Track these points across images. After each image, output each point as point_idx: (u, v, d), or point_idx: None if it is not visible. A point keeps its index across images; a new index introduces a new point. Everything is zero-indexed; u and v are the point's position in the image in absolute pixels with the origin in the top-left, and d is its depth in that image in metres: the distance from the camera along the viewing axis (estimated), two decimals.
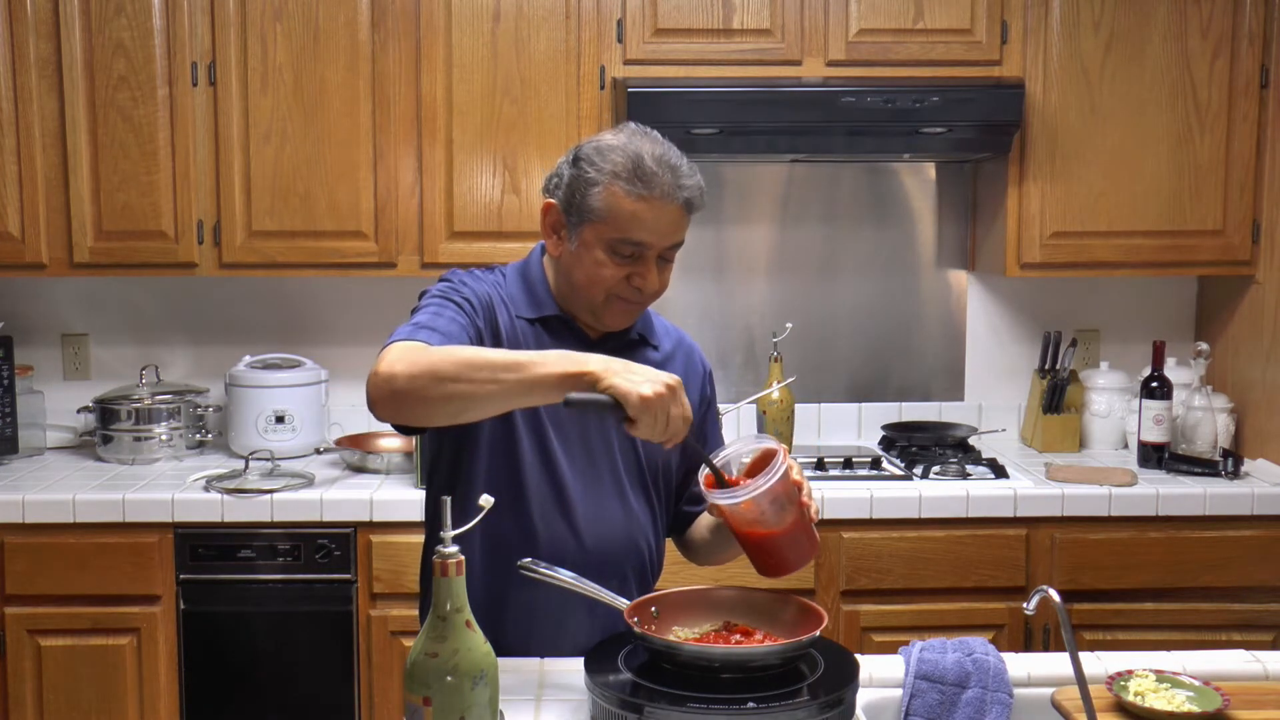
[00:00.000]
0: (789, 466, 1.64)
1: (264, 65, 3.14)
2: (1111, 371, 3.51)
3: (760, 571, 1.71)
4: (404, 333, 1.70)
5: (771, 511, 1.64)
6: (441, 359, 1.59)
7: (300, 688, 2.99)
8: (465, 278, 1.87)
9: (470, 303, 1.80)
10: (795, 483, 1.66)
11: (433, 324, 1.72)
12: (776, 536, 1.66)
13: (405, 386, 1.58)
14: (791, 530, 1.66)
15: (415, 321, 1.73)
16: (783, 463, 1.62)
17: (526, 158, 3.19)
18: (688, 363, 1.99)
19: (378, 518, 2.94)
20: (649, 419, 1.51)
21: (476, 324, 1.79)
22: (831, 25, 3.20)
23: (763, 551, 1.69)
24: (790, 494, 1.65)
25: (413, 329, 1.71)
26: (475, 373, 1.56)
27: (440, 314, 1.75)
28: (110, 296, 3.56)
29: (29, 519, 2.91)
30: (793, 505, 1.65)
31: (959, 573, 3.00)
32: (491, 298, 1.84)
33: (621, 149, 1.76)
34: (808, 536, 1.69)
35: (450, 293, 1.81)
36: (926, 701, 1.73)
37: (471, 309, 1.79)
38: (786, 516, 1.65)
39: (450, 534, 1.39)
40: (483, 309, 1.81)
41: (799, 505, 1.66)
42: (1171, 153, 3.25)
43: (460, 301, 1.79)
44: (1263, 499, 3.01)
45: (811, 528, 1.69)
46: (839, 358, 3.64)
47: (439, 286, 1.84)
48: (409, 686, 1.37)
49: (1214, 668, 1.81)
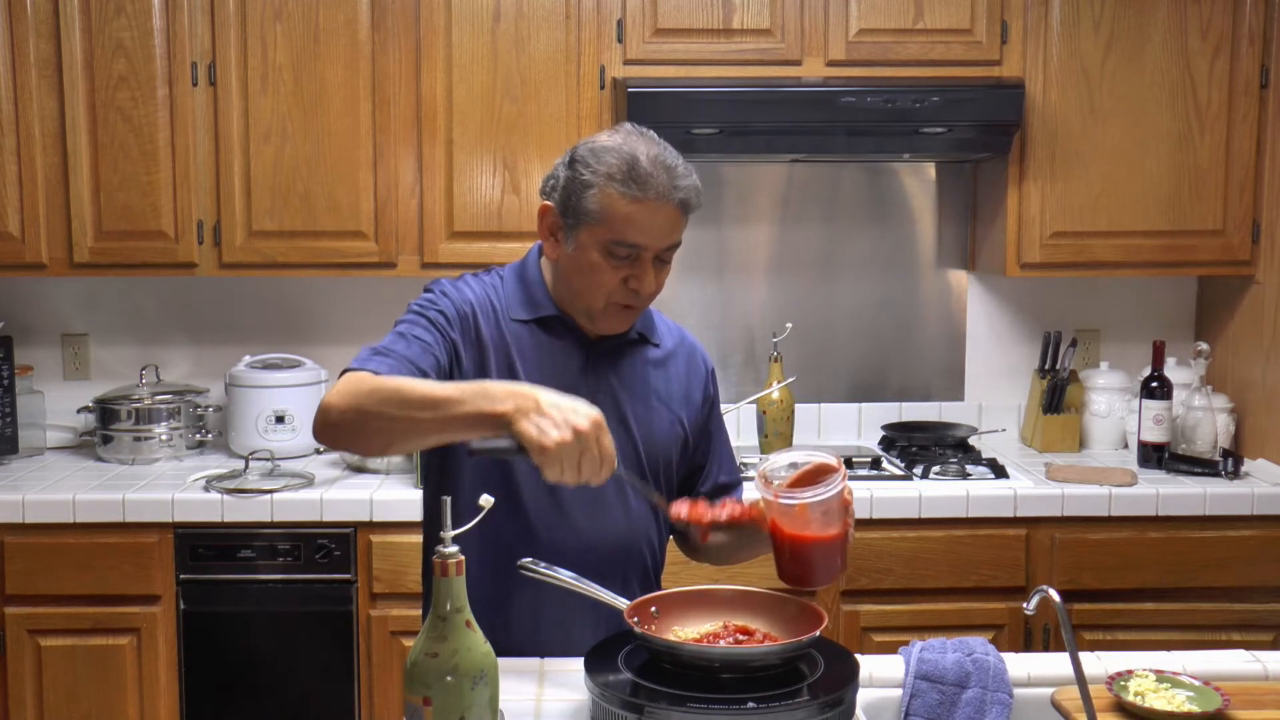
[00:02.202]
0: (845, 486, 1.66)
1: (264, 65, 3.14)
2: (1111, 371, 3.51)
3: (784, 578, 1.72)
4: (361, 357, 1.73)
5: (819, 522, 1.66)
6: (369, 394, 1.62)
7: (300, 688, 2.99)
8: (447, 287, 1.87)
9: (445, 315, 1.81)
10: (846, 501, 1.67)
11: (390, 348, 1.74)
12: (815, 544, 1.67)
13: (336, 420, 1.65)
14: (830, 543, 1.68)
15: (377, 346, 1.75)
16: (842, 479, 1.64)
17: (526, 158, 3.19)
18: (690, 361, 1.99)
19: (378, 518, 2.94)
20: (555, 468, 1.51)
21: (451, 336, 1.80)
22: (831, 25, 3.20)
23: (797, 559, 1.69)
24: (839, 511, 1.67)
25: (368, 355, 1.73)
26: (397, 410, 1.60)
27: (406, 334, 1.77)
28: (110, 296, 3.56)
29: (29, 519, 2.91)
30: (838, 522, 1.67)
31: (959, 573, 3.00)
32: (475, 307, 1.84)
33: (616, 150, 1.76)
34: (841, 556, 1.70)
35: (426, 308, 1.82)
36: (926, 701, 1.73)
37: (446, 322, 1.80)
38: (830, 530, 1.67)
39: (450, 534, 1.39)
40: (459, 321, 1.82)
41: (843, 524, 1.68)
42: (1171, 153, 3.25)
43: (434, 317, 1.80)
44: (1263, 499, 3.01)
45: (846, 550, 1.70)
46: (839, 358, 3.64)
47: (418, 300, 1.86)
48: (409, 686, 1.37)
49: (1214, 668, 1.81)
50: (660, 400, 1.92)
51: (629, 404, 1.88)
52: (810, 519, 1.65)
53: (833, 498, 1.64)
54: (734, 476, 2.04)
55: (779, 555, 1.71)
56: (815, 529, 1.66)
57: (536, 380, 1.81)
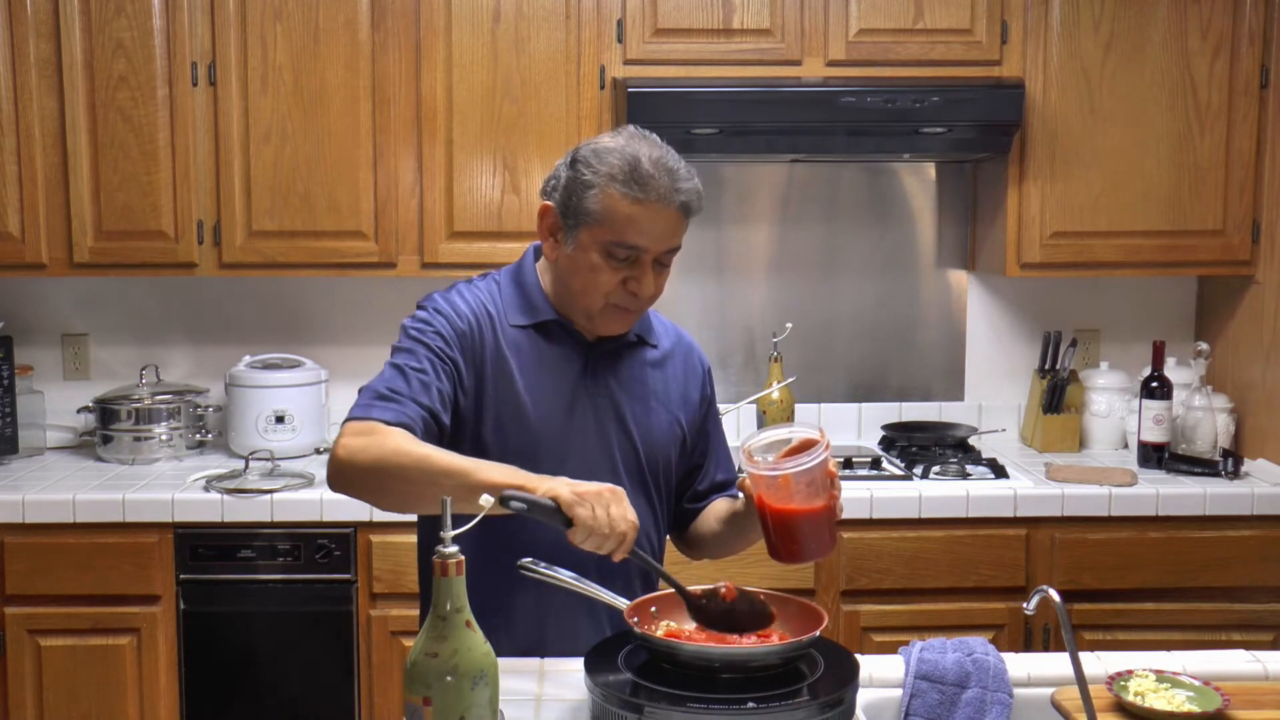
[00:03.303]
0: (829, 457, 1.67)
1: (264, 65, 3.14)
2: (1111, 371, 3.51)
3: (774, 555, 1.73)
4: (363, 404, 1.73)
5: (803, 493, 1.67)
6: (391, 456, 1.64)
7: (300, 688, 2.99)
8: (440, 304, 1.85)
9: (443, 337, 1.80)
10: (830, 473, 1.69)
11: (395, 391, 1.73)
12: (801, 516, 1.68)
13: (355, 478, 1.67)
14: (816, 515, 1.69)
15: (379, 388, 1.75)
16: (825, 449, 1.66)
17: (526, 158, 3.19)
18: (687, 361, 1.99)
19: (378, 518, 2.93)
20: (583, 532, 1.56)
21: (451, 357, 1.79)
22: (831, 25, 3.19)
23: (784, 532, 1.70)
24: (824, 482, 1.68)
25: (371, 399, 1.73)
26: (419, 475, 1.63)
27: (405, 369, 1.76)
28: (110, 296, 3.56)
29: (29, 519, 2.91)
30: (824, 493, 1.69)
31: (959, 573, 3.00)
32: (472, 319, 1.83)
33: (619, 151, 1.76)
34: (829, 529, 1.71)
35: (423, 332, 1.81)
36: (926, 701, 1.73)
37: (444, 344, 1.79)
38: (816, 501, 1.68)
39: (450, 534, 1.39)
40: (457, 339, 1.81)
41: (829, 496, 1.69)
42: (1171, 153, 3.25)
43: (431, 342, 1.79)
44: (1263, 499, 3.01)
45: (834, 523, 1.72)
46: (839, 358, 3.64)
47: (413, 323, 1.83)
48: (409, 686, 1.37)
49: (1214, 668, 1.81)
50: (659, 401, 1.92)
51: (628, 406, 1.89)
52: (795, 491, 1.67)
53: (816, 467, 1.65)
54: (731, 474, 2.04)
55: (767, 531, 1.72)
56: (800, 501, 1.67)
57: (535, 385, 1.82)
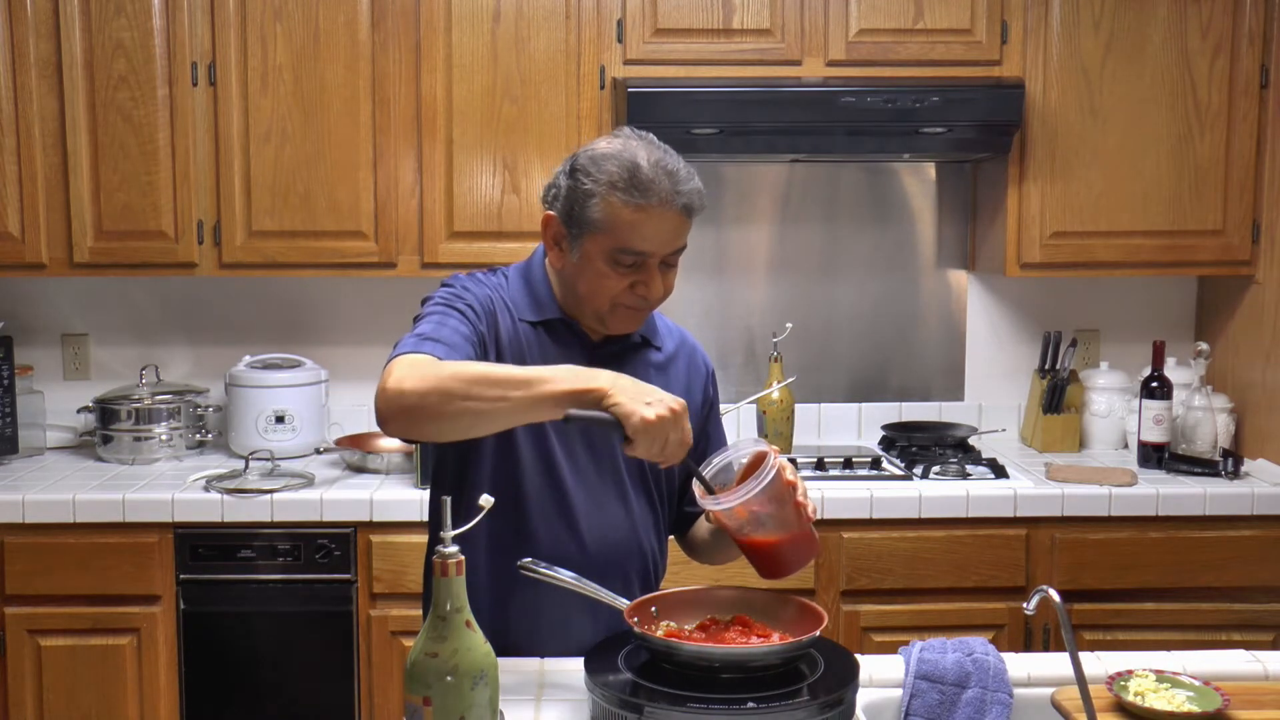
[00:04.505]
0: (781, 468, 1.63)
1: (264, 65, 3.14)
2: (1111, 371, 3.51)
3: (761, 574, 1.71)
4: (409, 344, 1.68)
5: (767, 514, 1.63)
6: (451, 375, 1.58)
7: (300, 688, 2.99)
8: (467, 282, 1.85)
9: (473, 309, 1.78)
10: (789, 484, 1.65)
11: (437, 334, 1.70)
12: (774, 542, 1.65)
13: (416, 403, 1.58)
14: (788, 532, 1.66)
15: (419, 332, 1.71)
16: (773, 465, 1.61)
17: (526, 158, 3.19)
18: (690, 363, 1.99)
19: (378, 518, 2.94)
20: (647, 442, 1.53)
21: (480, 330, 1.77)
22: (831, 25, 3.20)
23: (761, 555, 1.68)
24: (785, 495, 1.64)
25: (417, 340, 1.69)
26: (485, 389, 1.56)
27: (444, 323, 1.73)
28: (110, 296, 3.56)
29: (29, 519, 2.91)
30: (788, 506, 1.65)
31: (959, 573, 3.00)
32: (493, 302, 1.83)
33: (616, 157, 1.74)
34: (806, 537, 1.68)
35: (453, 299, 1.79)
36: (926, 701, 1.73)
37: (475, 315, 1.78)
38: (783, 518, 1.64)
39: (450, 534, 1.39)
40: (485, 315, 1.80)
41: (795, 506, 1.65)
42: (1171, 153, 3.25)
43: (463, 309, 1.77)
44: (1263, 499, 3.01)
45: (810, 528, 1.68)
46: (839, 358, 3.64)
47: (442, 293, 1.82)
48: (409, 686, 1.37)
49: (1214, 668, 1.81)
50: None
51: None
52: (758, 512, 1.63)
53: (769, 486, 1.60)
54: None
55: (746, 556, 1.70)
56: (767, 520, 1.64)
57: None
